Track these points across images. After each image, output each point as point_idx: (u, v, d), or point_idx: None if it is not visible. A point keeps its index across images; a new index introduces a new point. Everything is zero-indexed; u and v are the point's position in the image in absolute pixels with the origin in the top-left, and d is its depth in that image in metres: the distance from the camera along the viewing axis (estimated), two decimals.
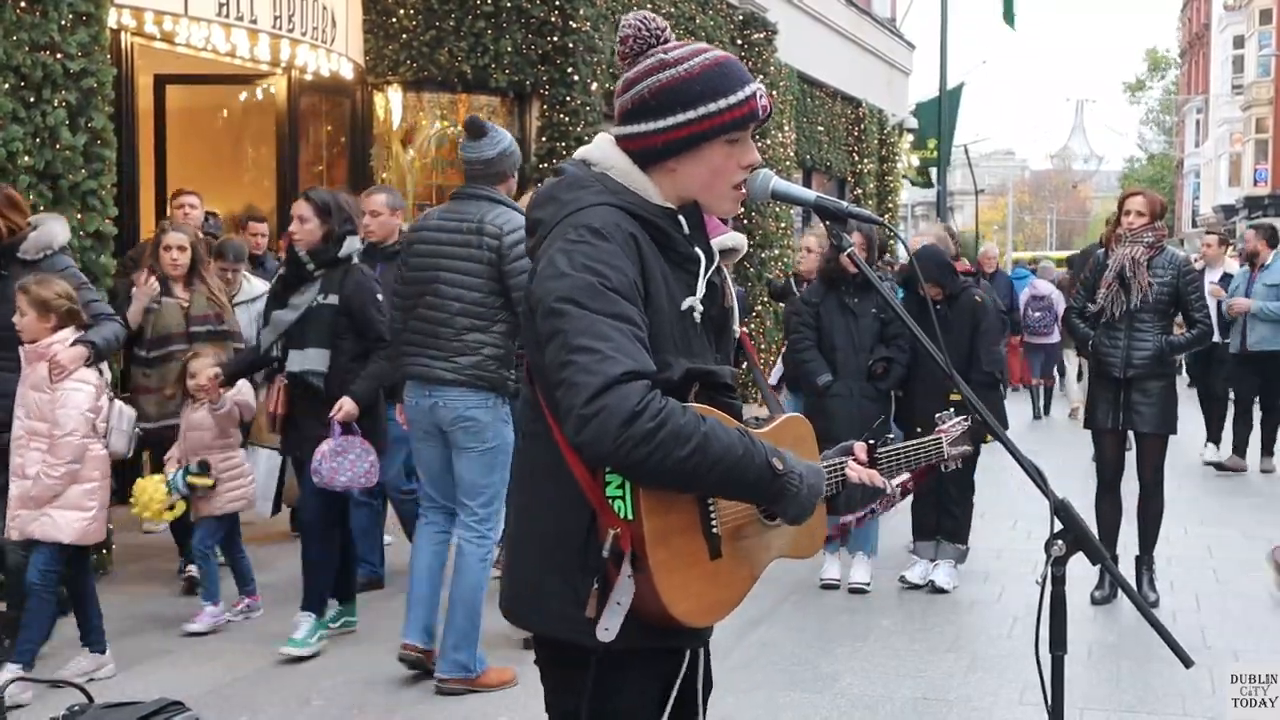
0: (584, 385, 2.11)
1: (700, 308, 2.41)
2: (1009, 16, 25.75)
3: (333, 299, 5.79)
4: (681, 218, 2.41)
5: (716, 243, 2.53)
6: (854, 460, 2.61)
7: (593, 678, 2.32)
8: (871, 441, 2.66)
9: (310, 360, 5.78)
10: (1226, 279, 11.56)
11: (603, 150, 2.44)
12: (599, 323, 2.16)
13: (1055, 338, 15.51)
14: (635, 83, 2.40)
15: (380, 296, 5.90)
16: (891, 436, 2.80)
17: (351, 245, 5.92)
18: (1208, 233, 13.58)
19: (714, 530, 2.30)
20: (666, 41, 2.43)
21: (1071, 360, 16.09)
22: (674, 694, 2.46)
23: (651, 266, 2.32)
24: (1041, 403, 16.68)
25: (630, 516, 2.21)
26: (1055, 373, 17.08)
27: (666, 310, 2.34)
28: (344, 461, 5.74)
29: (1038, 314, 15.41)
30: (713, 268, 2.46)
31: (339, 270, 5.85)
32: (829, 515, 2.62)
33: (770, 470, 2.23)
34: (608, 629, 2.24)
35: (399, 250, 6.47)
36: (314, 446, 5.75)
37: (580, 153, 2.48)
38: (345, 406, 5.72)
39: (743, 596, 2.41)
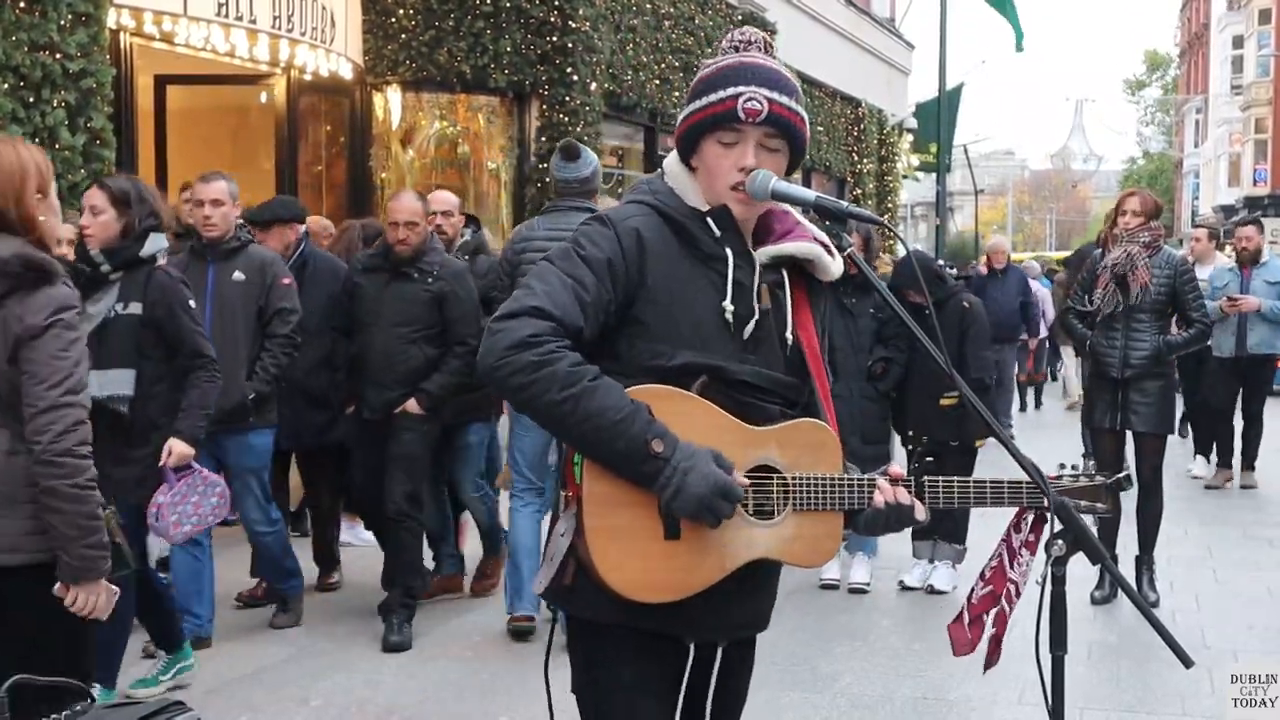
0: (503, 309, 2.33)
1: (731, 308, 2.45)
2: (1017, 34, 25.80)
3: (135, 308, 4.94)
4: (711, 220, 2.49)
5: (772, 250, 2.53)
6: (885, 480, 2.53)
7: (573, 638, 2.50)
8: (916, 466, 2.63)
9: (112, 383, 4.88)
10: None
11: (672, 155, 2.60)
12: (550, 272, 2.37)
13: (1042, 333, 15.99)
14: None
15: (192, 303, 5.09)
16: (931, 461, 2.72)
17: (156, 243, 5.03)
18: (1196, 226, 12.40)
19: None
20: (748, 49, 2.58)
21: (1070, 356, 16.40)
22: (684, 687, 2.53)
23: (659, 261, 2.42)
24: (1033, 397, 17.40)
25: (579, 481, 2.33)
26: (1046, 367, 17.74)
27: (669, 305, 2.41)
28: (187, 508, 5.06)
29: None
30: (746, 270, 2.49)
31: (140, 272, 4.99)
32: (857, 533, 2.59)
33: (643, 449, 2.26)
34: (540, 581, 2.42)
35: (238, 248, 5.97)
36: (119, 490, 4.56)
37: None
38: (175, 450, 4.99)
39: (705, 584, 2.38)
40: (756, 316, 2.49)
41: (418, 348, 6.17)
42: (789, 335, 2.54)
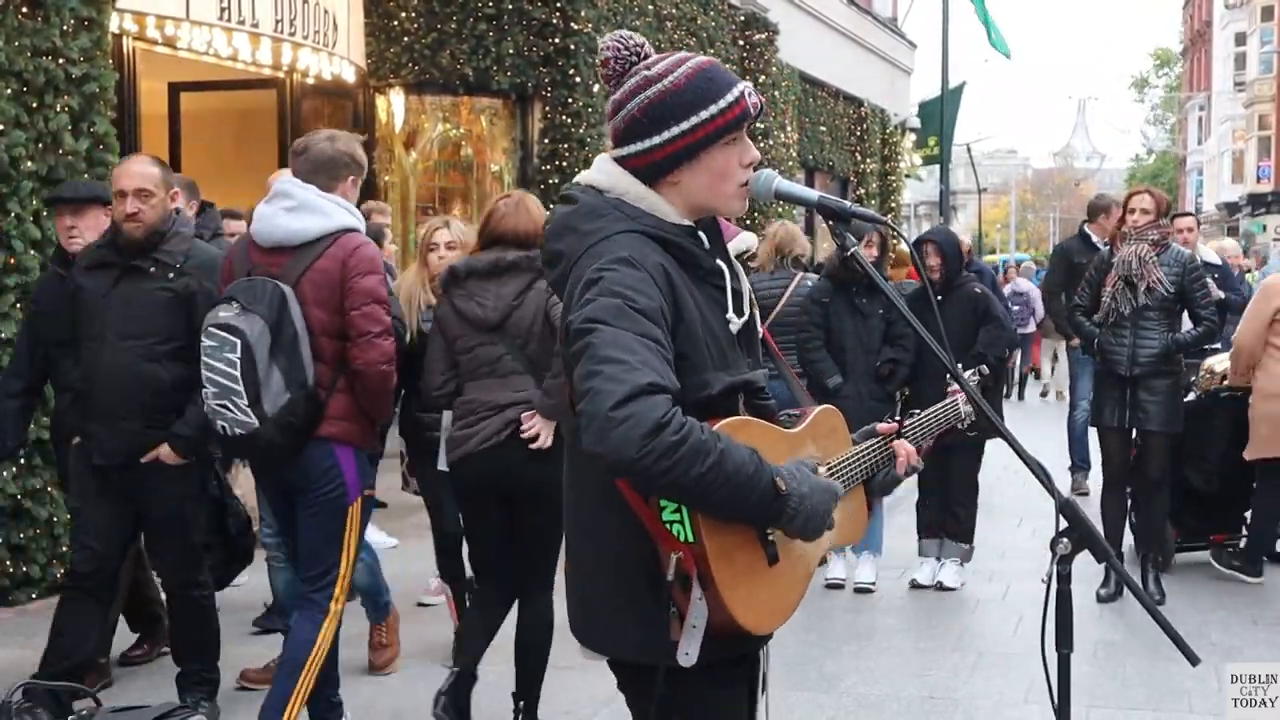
0: (610, 392, 2.09)
1: (738, 321, 2.43)
2: (999, 45, 25.59)
3: None
4: (701, 233, 2.42)
5: (731, 248, 2.54)
6: (887, 442, 2.66)
7: (665, 690, 2.30)
8: (897, 419, 2.72)
9: None
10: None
11: (610, 175, 2.42)
12: (626, 337, 2.16)
13: (1031, 328, 17.62)
14: (624, 104, 2.40)
15: None
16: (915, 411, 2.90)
17: None
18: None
19: (770, 537, 2.30)
20: (647, 57, 2.42)
21: (1048, 349, 18.03)
22: (761, 695, 2.55)
23: (683, 292, 2.32)
24: (1017, 388, 18.70)
25: (691, 538, 2.20)
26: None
27: (701, 331, 2.34)
28: None
29: (1016, 308, 17.34)
30: (736, 276, 2.47)
31: None
32: (873, 497, 2.67)
33: (772, 492, 2.19)
34: (688, 653, 2.24)
35: None
36: None
37: (586, 178, 2.45)
38: None
39: (802, 596, 2.43)
40: (746, 319, 2.49)
41: (160, 366, 4.75)
42: (759, 329, 2.59)
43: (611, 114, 2.44)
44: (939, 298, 7.06)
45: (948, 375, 2.54)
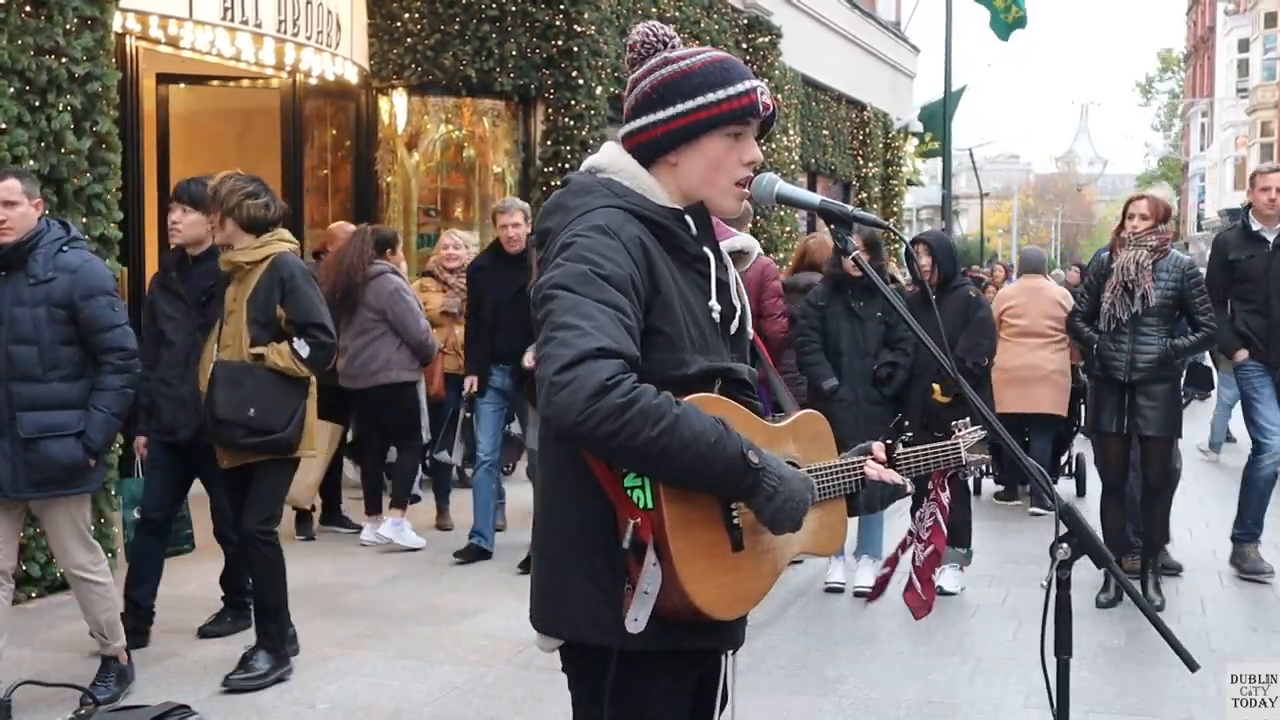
0: (558, 357, 2.11)
1: (719, 308, 2.42)
2: (1003, 28, 24.79)
3: None
4: (689, 218, 2.42)
5: (726, 245, 2.55)
6: (872, 459, 2.59)
7: (614, 674, 2.27)
8: (889, 442, 2.66)
9: None
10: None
11: (610, 155, 2.46)
12: (584, 304, 2.17)
13: None
14: (638, 81, 2.45)
15: None
16: (910, 436, 2.84)
17: None
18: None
19: (735, 521, 2.29)
20: (675, 48, 2.48)
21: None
22: (721, 695, 2.50)
23: (662, 270, 2.32)
24: None
25: (650, 505, 2.19)
26: None
27: (680, 311, 2.34)
28: None
29: None
30: (723, 267, 2.47)
31: None
32: (849, 517, 2.61)
33: (743, 462, 2.18)
34: (636, 620, 2.21)
35: None
36: None
37: (587, 161, 2.50)
38: None
39: (766, 590, 2.39)
40: (739, 313, 2.50)
41: None
42: (749, 328, 2.58)
43: (627, 93, 2.49)
44: (933, 298, 7.09)
45: (942, 378, 2.54)
